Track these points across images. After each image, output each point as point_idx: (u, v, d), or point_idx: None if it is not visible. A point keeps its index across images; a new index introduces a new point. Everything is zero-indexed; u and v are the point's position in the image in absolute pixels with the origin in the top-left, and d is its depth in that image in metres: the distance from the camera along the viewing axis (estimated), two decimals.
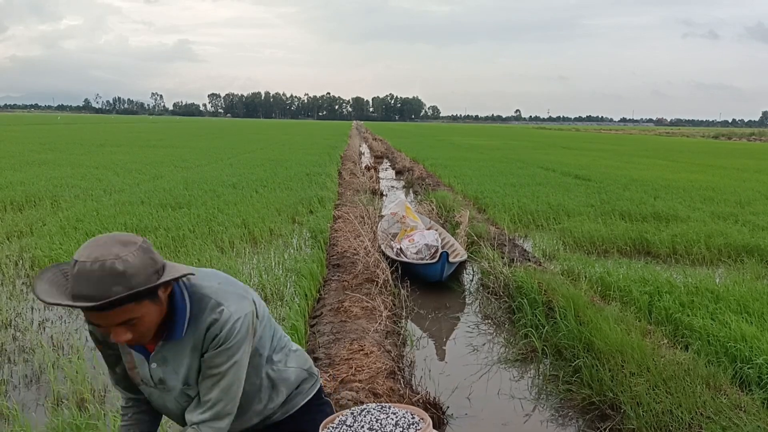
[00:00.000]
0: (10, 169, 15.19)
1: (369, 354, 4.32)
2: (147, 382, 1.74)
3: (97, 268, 1.43)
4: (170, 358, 1.69)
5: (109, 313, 1.47)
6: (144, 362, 1.71)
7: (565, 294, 5.36)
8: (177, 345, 1.68)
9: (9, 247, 7.50)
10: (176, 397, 1.74)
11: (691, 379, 3.74)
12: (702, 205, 11.69)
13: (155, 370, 1.71)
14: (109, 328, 1.51)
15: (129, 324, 1.51)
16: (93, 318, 1.49)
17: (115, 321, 1.49)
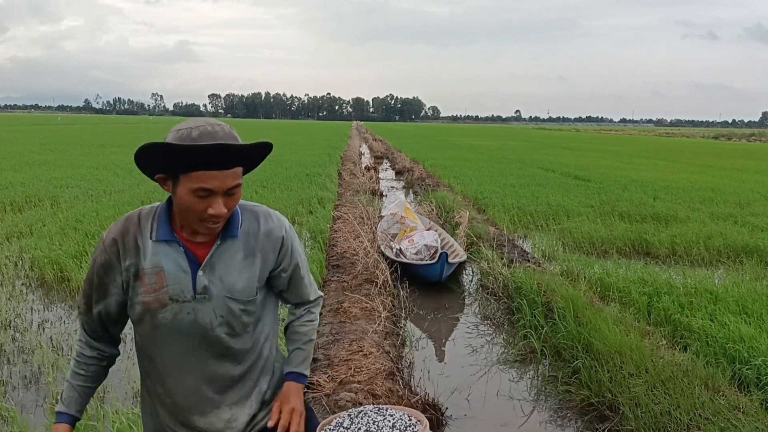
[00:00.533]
0: (10, 170, 15.19)
1: (368, 355, 4.32)
2: (179, 297, 1.65)
3: (219, 130, 1.53)
4: (218, 265, 1.67)
5: (227, 173, 1.53)
6: (186, 273, 1.64)
7: (564, 295, 5.37)
8: (228, 251, 1.68)
9: (9, 248, 7.50)
10: (215, 308, 1.68)
11: (689, 380, 3.75)
12: (701, 205, 11.69)
13: (201, 278, 1.66)
14: (217, 195, 1.54)
15: (231, 193, 1.56)
16: (210, 179, 1.51)
17: (227, 184, 1.54)
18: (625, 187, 14.49)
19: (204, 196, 1.54)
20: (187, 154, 1.50)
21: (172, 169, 1.55)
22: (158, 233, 1.64)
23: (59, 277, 6.33)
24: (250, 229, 1.72)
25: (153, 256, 1.64)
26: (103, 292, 1.69)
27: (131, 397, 3.95)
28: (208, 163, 1.50)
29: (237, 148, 1.51)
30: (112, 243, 1.65)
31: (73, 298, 5.91)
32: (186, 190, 1.54)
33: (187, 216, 1.60)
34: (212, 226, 1.59)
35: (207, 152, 1.49)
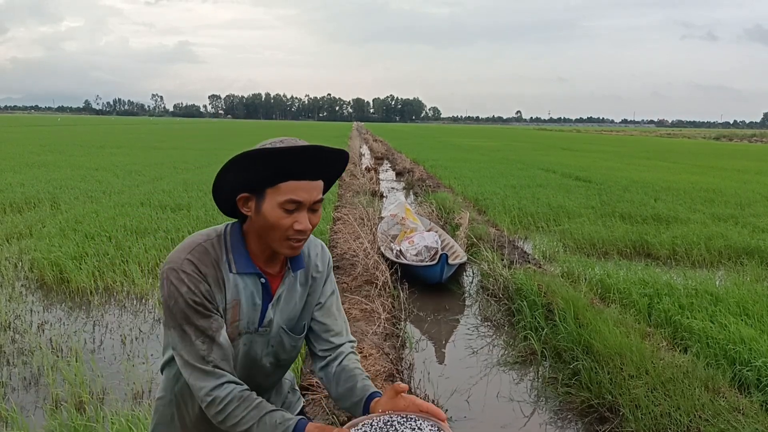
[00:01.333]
0: (9, 171, 15.19)
1: (368, 356, 4.31)
2: (246, 330, 1.60)
3: (300, 141, 1.51)
4: (284, 295, 1.65)
5: (314, 185, 1.51)
6: (258, 306, 1.60)
7: (564, 296, 5.36)
8: (291, 282, 1.66)
9: (8, 249, 7.50)
10: (270, 340, 1.66)
11: (689, 381, 3.74)
12: (702, 206, 11.68)
13: (269, 311, 1.62)
14: (303, 209, 1.50)
15: (315, 209, 1.54)
16: (300, 189, 1.48)
17: (314, 196, 1.51)
18: (626, 188, 14.48)
19: (291, 210, 1.49)
20: (280, 164, 1.47)
21: (261, 183, 1.50)
22: (238, 265, 1.57)
23: (59, 278, 6.33)
24: (309, 259, 1.70)
25: (233, 288, 1.57)
26: (213, 328, 1.54)
27: (130, 399, 3.94)
28: (299, 172, 1.48)
29: (335, 152, 1.51)
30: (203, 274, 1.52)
31: (72, 300, 5.90)
32: (273, 204, 1.49)
33: (270, 236, 1.53)
34: (296, 245, 1.54)
35: (303, 156, 1.47)
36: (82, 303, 5.84)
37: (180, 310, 1.50)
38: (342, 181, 15.81)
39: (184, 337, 1.52)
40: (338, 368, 1.73)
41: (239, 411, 1.51)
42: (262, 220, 1.52)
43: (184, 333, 1.52)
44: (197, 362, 1.52)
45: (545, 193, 13.23)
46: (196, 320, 1.51)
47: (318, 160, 1.49)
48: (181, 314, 1.51)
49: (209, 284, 1.52)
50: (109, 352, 4.73)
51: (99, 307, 5.72)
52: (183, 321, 1.51)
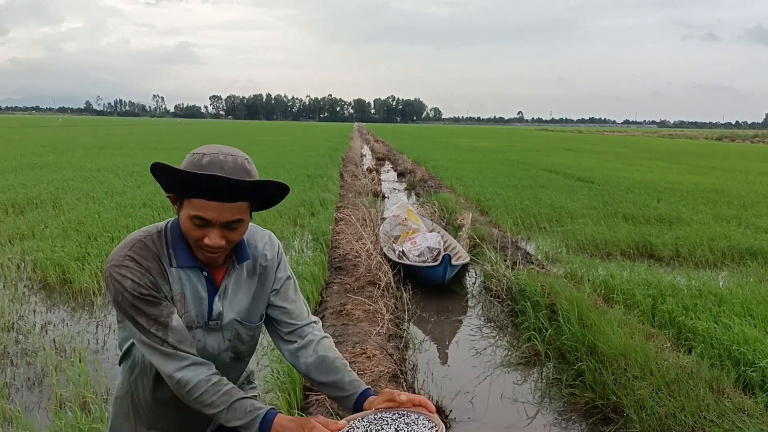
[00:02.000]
0: (11, 172, 15.21)
1: (371, 357, 4.31)
2: (195, 323, 1.65)
3: (230, 160, 1.50)
4: (230, 289, 1.69)
5: (226, 206, 1.50)
6: (203, 299, 1.65)
7: (568, 297, 5.35)
8: (238, 274, 1.70)
9: (11, 250, 7.51)
10: (224, 333, 1.70)
11: (694, 382, 3.73)
12: (705, 207, 11.67)
13: (217, 303, 1.67)
14: (214, 226, 1.51)
15: (231, 227, 1.54)
16: (208, 209, 1.49)
17: (226, 217, 1.51)
18: (629, 188, 14.46)
19: (200, 225, 1.52)
20: (183, 181, 1.49)
21: (181, 193, 1.55)
22: (178, 259, 1.61)
23: (62, 279, 6.33)
24: (256, 251, 1.75)
25: (176, 282, 1.62)
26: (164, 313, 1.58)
27: None
28: (206, 192, 1.48)
29: (232, 183, 1.47)
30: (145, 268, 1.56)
31: (75, 300, 5.91)
32: (186, 215, 1.53)
33: (189, 239, 1.59)
34: (209, 255, 1.58)
35: (200, 181, 1.46)
36: (85, 304, 5.84)
37: (129, 303, 1.54)
38: (344, 182, 15.81)
39: (139, 327, 1.56)
40: (316, 357, 1.75)
41: (207, 396, 1.56)
42: (181, 223, 1.57)
43: (138, 323, 1.56)
44: (158, 345, 1.56)
45: (548, 193, 13.22)
46: (146, 309, 1.56)
47: (225, 187, 1.47)
48: (130, 307, 1.55)
49: (153, 276, 1.56)
50: (113, 352, 4.73)
51: (102, 308, 5.72)
52: (134, 313, 1.55)
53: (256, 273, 1.75)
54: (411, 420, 1.40)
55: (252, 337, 1.79)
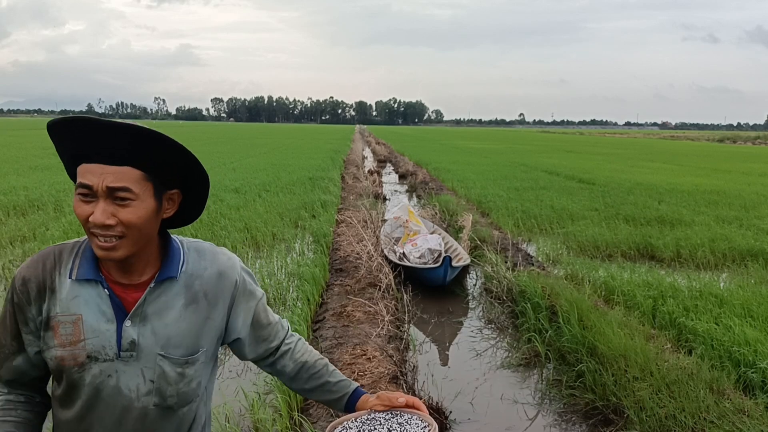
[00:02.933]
0: (13, 174, 15.24)
1: (372, 359, 4.31)
2: (99, 354, 1.32)
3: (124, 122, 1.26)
4: (153, 315, 1.34)
5: (108, 168, 1.24)
6: (110, 324, 1.31)
7: (568, 298, 5.35)
8: (164, 295, 1.36)
9: (12, 252, 7.52)
10: (144, 369, 1.35)
11: (694, 383, 3.72)
12: (706, 209, 11.65)
13: (128, 330, 1.32)
14: (98, 198, 1.24)
15: (120, 200, 1.25)
16: (88, 172, 1.24)
17: (108, 181, 1.23)
18: (630, 190, 14.45)
19: (85, 196, 1.25)
20: (62, 139, 1.29)
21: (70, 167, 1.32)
22: (79, 271, 1.31)
23: None
24: (195, 269, 1.40)
25: (71, 300, 1.31)
26: (18, 341, 1.36)
27: None
28: (89, 150, 1.24)
29: (102, 125, 1.22)
30: (22, 283, 1.33)
31: None
32: (76, 192, 1.28)
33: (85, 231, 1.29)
34: (102, 244, 1.25)
35: (71, 129, 1.25)
36: None
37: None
38: (345, 184, 15.83)
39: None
40: (296, 365, 1.57)
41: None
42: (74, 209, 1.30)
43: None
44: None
45: (549, 195, 13.21)
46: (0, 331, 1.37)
47: (104, 135, 1.23)
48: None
49: (29, 294, 1.32)
50: None
51: None
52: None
53: (198, 300, 1.40)
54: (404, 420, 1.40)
55: (182, 375, 1.39)
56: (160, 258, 1.38)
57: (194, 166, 1.38)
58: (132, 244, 1.29)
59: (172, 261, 1.37)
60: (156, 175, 1.30)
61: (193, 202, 1.43)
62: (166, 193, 1.35)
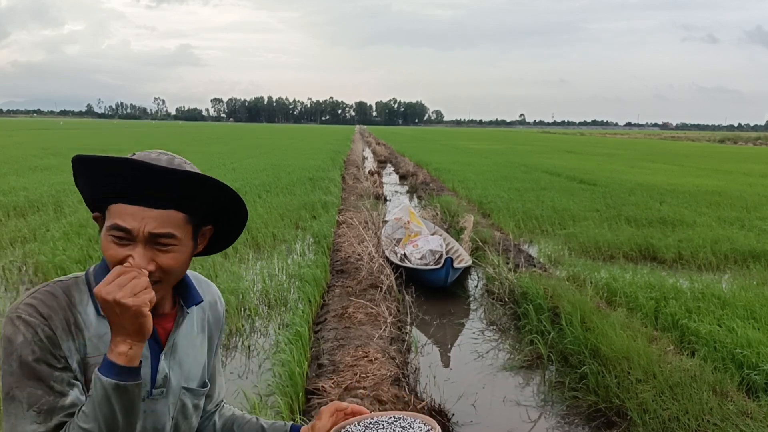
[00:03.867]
0: (13, 175, 15.23)
1: (373, 360, 4.29)
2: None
3: (163, 158, 1.20)
4: (179, 345, 1.30)
5: (150, 212, 1.16)
6: (145, 359, 1.22)
7: (570, 300, 5.33)
8: (188, 323, 1.33)
9: (12, 253, 7.50)
10: (170, 405, 1.28)
11: (697, 385, 3.71)
12: (708, 210, 11.64)
13: (162, 364, 1.26)
14: (138, 242, 1.16)
15: (160, 244, 1.17)
16: (127, 215, 1.16)
17: (150, 227, 1.16)
18: (631, 191, 14.44)
19: (120, 239, 1.16)
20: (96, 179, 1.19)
21: (100, 201, 1.22)
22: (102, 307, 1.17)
23: None
24: (203, 297, 1.38)
25: (101, 338, 1.19)
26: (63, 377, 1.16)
27: None
28: (124, 189, 1.16)
29: (153, 171, 1.14)
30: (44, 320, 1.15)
31: None
32: (105, 230, 1.18)
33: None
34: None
35: (114, 174, 1.15)
36: None
37: (12, 370, 1.12)
38: (346, 184, 15.81)
39: (14, 407, 1.13)
40: (224, 419, 1.52)
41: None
42: (102, 248, 1.20)
43: (13, 401, 1.13)
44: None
45: (550, 196, 13.20)
46: (30, 381, 1.12)
47: (153, 180, 1.15)
48: (15, 374, 1.12)
49: (52, 329, 1.15)
50: None
51: None
52: (14, 384, 1.12)
53: (207, 328, 1.39)
54: (407, 423, 1.39)
55: (196, 410, 1.36)
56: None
57: (236, 203, 1.30)
58: (168, 288, 1.25)
59: (190, 288, 1.33)
60: (198, 216, 1.25)
61: (224, 234, 1.37)
62: (201, 229, 1.29)
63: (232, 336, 5.24)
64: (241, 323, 5.44)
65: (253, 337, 5.26)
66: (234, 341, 5.15)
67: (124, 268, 1.12)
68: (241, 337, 5.24)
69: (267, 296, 6.14)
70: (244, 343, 5.13)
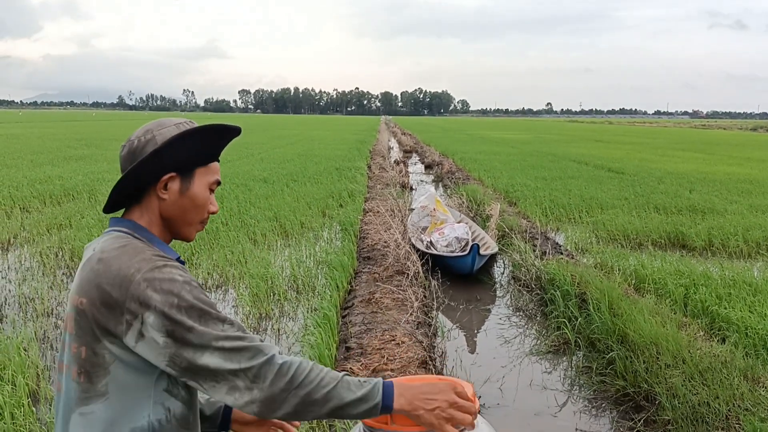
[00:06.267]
0: (48, 165, 15.58)
1: (401, 344, 4.34)
2: None
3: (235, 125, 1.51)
4: None
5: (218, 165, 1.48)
6: None
7: (598, 286, 5.31)
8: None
9: (49, 239, 7.71)
10: None
11: (728, 371, 3.69)
12: (739, 198, 11.43)
13: None
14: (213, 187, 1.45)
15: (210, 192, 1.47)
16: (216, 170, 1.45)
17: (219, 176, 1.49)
18: (660, 179, 14.23)
19: (212, 191, 1.44)
20: (229, 135, 1.46)
21: (198, 161, 1.40)
22: (170, 254, 1.36)
23: None
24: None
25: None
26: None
27: None
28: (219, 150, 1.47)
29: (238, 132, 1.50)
30: (191, 279, 1.31)
31: None
32: (204, 184, 1.40)
33: (190, 218, 1.41)
34: (200, 230, 1.48)
35: (225, 137, 1.45)
36: None
37: (188, 305, 1.24)
38: (372, 174, 15.86)
39: (210, 331, 1.24)
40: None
41: (314, 373, 1.28)
42: (187, 202, 1.38)
43: (207, 327, 1.24)
44: (242, 342, 1.26)
45: (577, 184, 13.08)
46: (208, 307, 1.26)
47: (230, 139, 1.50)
48: (191, 309, 1.24)
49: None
50: None
51: None
52: (197, 316, 1.24)
53: None
54: None
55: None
56: None
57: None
58: None
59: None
60: None
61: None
62: None
63: (262, 320, 5.33)
64: (271, 307, 5.53)
65: (282, 321, 5.35)
66: (264, 325, 5.25)
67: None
68: (270, 320, 5.33)
69: (295, 282, 6.22)
70: (273, 326, 5.22)
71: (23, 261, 6.95)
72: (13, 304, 5.53)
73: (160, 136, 1.36)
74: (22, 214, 9.27)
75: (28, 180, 12.17)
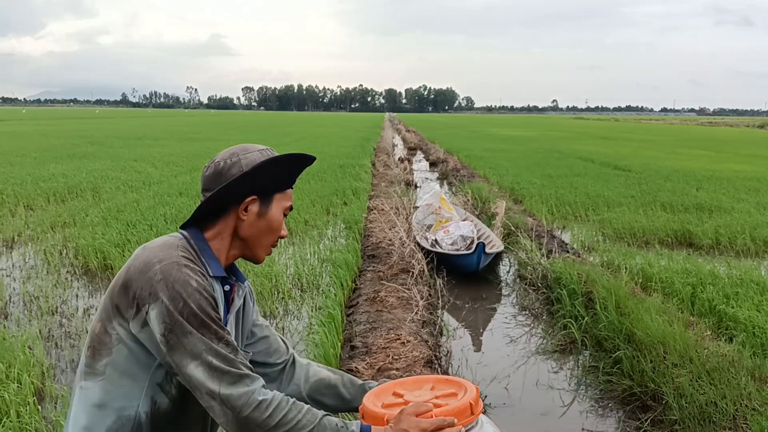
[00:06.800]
0: (52, 162, 15.61)
1: (406, 343, 4.32)
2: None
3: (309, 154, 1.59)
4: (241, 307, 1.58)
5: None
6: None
7: (605, 285, 5.28)
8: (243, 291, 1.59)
9: (53, 237, 7.71)
10: None
11: (735, 370, 3.65)
12: (747, 196, 11.36)
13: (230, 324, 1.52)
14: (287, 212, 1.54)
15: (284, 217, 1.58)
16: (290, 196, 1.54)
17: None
18: (667, 177, 14.16)
19: (285, 215, 1.54)
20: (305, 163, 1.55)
21: (277, 187, 1.50)
22: (211, 268, 1.42)
23: (102, 265, 6.48)
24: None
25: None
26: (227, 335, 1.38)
27: None
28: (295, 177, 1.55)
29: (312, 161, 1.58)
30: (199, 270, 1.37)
31: None
32: (279, 209, 1.51)
33: (263, 240, 1.50)
34: (270, 252, 1.57)
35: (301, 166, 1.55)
36: None
37: (191, 311, 1.29)
38: (376, 171, 15.84)
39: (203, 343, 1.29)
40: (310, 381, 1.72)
41: (292, 414, 1.32)
42: (264, 224, 1.48)
43: (202, 338, 1.30)
44: (229, 366, 1.31)
45: (583, 182, 13.03)
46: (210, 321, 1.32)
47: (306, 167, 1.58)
48: (193, 316, 1.30)
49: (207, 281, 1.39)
50: None
51: None
52: (196, 324, 1.30)
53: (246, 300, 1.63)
54: None
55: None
56: None
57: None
58: None
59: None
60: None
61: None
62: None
63: (267, 318, 5.32)
64: (275, 306, 5.52)
65: (286, 319, 5.34)
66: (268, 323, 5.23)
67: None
68: (275, 319, 5.32)
69: (300, 280, 6.21)
70: (278, 325, 5.21)
71: (27, 259, 6.96)
72: (17, 303, 5.53)
73: (246, 159, 1.44)
74: (26, 211, 9.28)
75: (32, 177, 12.19)
